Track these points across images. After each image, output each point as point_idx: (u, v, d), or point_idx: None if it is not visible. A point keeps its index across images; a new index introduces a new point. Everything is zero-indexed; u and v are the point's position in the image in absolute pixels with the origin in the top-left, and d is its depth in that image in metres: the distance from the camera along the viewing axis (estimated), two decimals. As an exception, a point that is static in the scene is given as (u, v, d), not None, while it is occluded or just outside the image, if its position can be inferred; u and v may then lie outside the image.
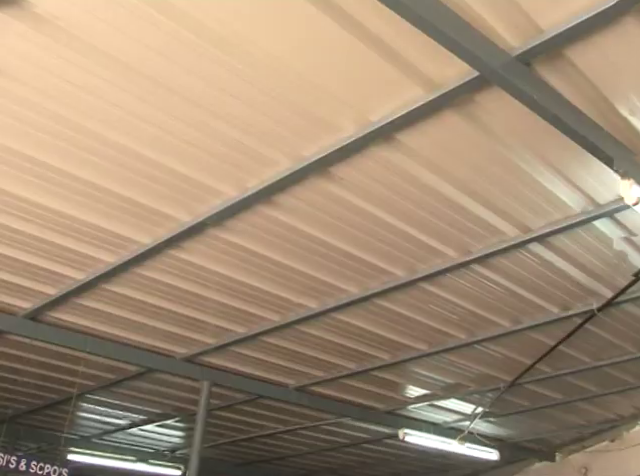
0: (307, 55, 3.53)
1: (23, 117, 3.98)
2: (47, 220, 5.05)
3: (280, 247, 5.34)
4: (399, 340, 7.27)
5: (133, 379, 8.58)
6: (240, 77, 3.64)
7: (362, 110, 3.88)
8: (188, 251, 5.42)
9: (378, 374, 8.30)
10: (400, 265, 5.66)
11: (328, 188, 4.56)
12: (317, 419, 10.35)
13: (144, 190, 4.63)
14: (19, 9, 3.28)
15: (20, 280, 6.01)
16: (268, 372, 8.23)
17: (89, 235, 5.23)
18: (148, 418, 10.58)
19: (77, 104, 3.86)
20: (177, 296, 6.24)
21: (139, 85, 3.71)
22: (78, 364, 8.01)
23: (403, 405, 9.67)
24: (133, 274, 5.82)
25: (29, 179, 4.56)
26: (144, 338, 7.22)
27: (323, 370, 8.18)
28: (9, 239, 5.32)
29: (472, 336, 7.14)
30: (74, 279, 5.93)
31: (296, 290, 6.09)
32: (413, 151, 4.21)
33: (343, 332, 7.02)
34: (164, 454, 12.85)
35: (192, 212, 4.85)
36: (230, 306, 6.42)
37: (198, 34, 3.39)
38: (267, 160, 4.28)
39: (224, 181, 4.51)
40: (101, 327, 6.96)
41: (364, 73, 3.65)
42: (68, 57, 3.55)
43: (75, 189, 4.65)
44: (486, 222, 5.00)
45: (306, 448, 12.33)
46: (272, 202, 4.71)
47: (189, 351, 7.54)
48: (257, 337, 7.08)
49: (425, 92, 3.73)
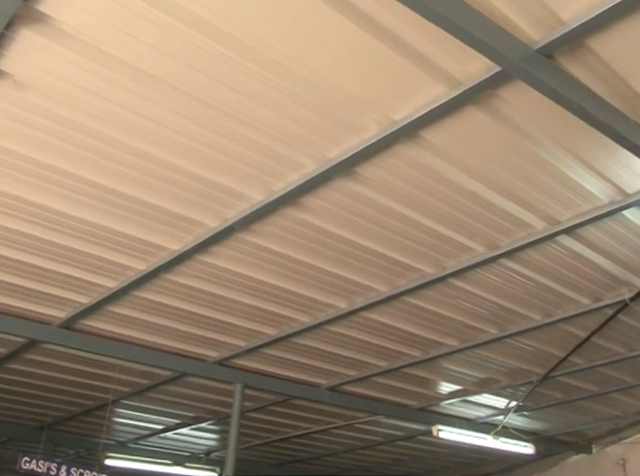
0: (328, 57, 3.55)
1: (53, 131, 4.06)
2: (79, 230, 5.13)
3: (308, 248, 5.37)
4: (430, 337, 7.26)
5: (166, 384, 8.68)
6: (263, 82, 3.67)
7: (385, 110, 3.89)
8: (217, 256, 5.47)
9: (410, 371, 8.30)
10: (428, 262, 5.66)
11: (354, 188, 4.58)
12: (350, 418, 10.37)
13: (172, 197, 4.68)
14: (45, 26, 3.35)
15: (54, 290, 6.11)
16: (300, 373, 8.27)
17: (119, 244, 5.31)
18: (182, 422, 10.69)
19: (105, 116, 3.92)
20: (207, 300, 6.30)
21: (164, 94, 3.76)
22: (112, 371, 8.13)
23: (436, 401, 9.65)
24: (163, 280, 5.89)
25: (60, 191, 4.64)
26: (176, 343, 7.29)
27: (354, 369, 8.20)
28: (43, 250, 5.42)
29: (503, 330, 7.10)
30: (106, 287, 6.02)
31: (325, 290, 6.11)
32: (437, 148, 4.22)
33: (373, 331, 7.04)
34: (199, 457, 12.95)
35: (220, 217, 4.90)
36: (260, 308, 6.47)
37: (221, 43, 3.43)
38: (292, 163, 4.31)
39: (250, 185, 4.55)
40: (134, 333, 7.05)
41: (386, 73, 3.66)
42: (94, 71, 3.61)
43: (105, 199, 4.72)
44: (513, 216, 4.98)
45: (340, 447, 12.35)
46: (299, 204, 4.74)
47: (221, 354, 7.60)
48: (288, 338, 7.13)
49: (447, 89, 3.73)
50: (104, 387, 8.81)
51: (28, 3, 3.20)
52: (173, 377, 8.39)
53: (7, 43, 3.43)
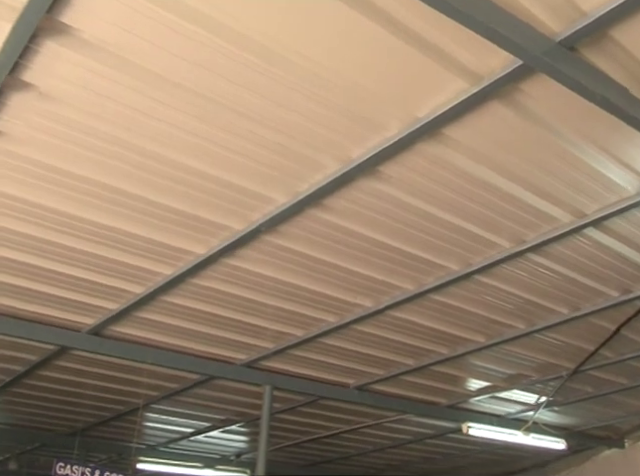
0: (348, 57, 3.55)
1: (79, 140, 4.10)
2: (106, 238, 5.19)
3: (333, 249, 5.38)
4: (457, 334, 7.24)
5: (196, 387, 8.74)
6: (283, 85, 3.68)
7: (407, 107, 3.89)
8: (243, 259, 5.50)
9: (438, 369, 8.28)
10: (454, 259, 5.65)
11: (377, 187, 4.58)
12: (379, 417, 10.37)
13: (198, 202, 4.72)
14: (68, 37, 3.39)
15: (83, 297, 6.19)
16: (328, 373, 8.29)
17: (146, 250, 5.36)
18: (212, 425, 10.75)
19: (129, 124, 3.96)
20: (234, 303, 6.34)
21: (188, 102, 3.78)
22: (142, 375, 8.19)
23: (465, 398, 9.62)
24: (190, 285, 5.93)
25: (87, 199, 4.69)
26: (204, 346, 7.34)
27: (382, 368, 8.19)
28: (71, 258, 5.49)
29: (531, 325, 7.06)
30: (134, 293, 6.08)
31: (351, 290, 6.12)
32: (461, 144, 4.20)
33: (400, 329, 7.03)
34: (230, 459, 13.01)
35: (245, 220, 4.93)
36: (287, 310, 6.49)
37: (244, 47, 3.44)
38: (316, 164, 4.32)
39: (275, 188, 4.57)
40: (162, 338, 7.10)
41: (407, 71, 3.65)
42: (118, 79, 3.64)
43: (130, 206, 4.77)
44: (539, 210, 4.95)
45: (369, 446, 12.35)
46: (323, 205, 4.75)
47: (249, 357, 7.64)
48: (315, 339, 7.14)
49: (469, 85, 3.72)
50: (134, 392, 8.89)
51: (51, 15, 3.23)
52: (202, 380, 8.44)
53: (32, 55, 3.47)
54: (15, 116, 3.92)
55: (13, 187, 4.58)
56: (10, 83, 3.64)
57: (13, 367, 8.12)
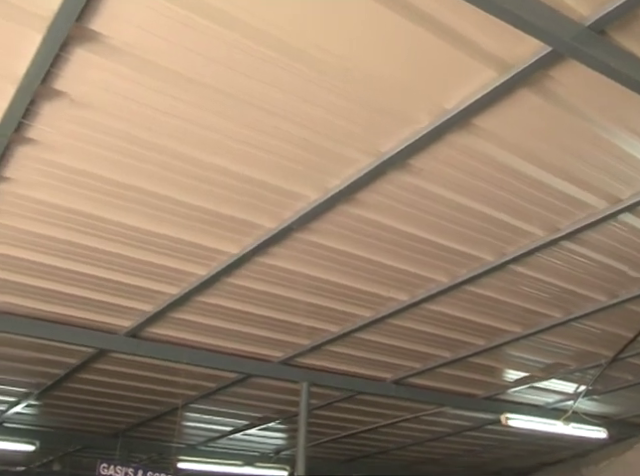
0: (374, 51, 3.54)
1: (111, 146, 4.16)
2: (140, 240, 5.25)
3: (366, 244, 5.38)
4: (493, 324, 7.19)
5: (233, 386, 8.81)
6: (311, 81, 3.69)
7: (436, 99, 3.87)
8: (276, 256, 5.53)
9: (474, 360, 8.23)
10: (488, 249, 5.61)
11: (409, 180, 4.57)
12: (417, 410, 10.33)
13: (230, 202, 4.75)
14: (97, 44, 3.43)
15: (119, 300, 6.27)
16: (364, 368, 8.29)
17: (180, 251, 5.41)
18: (250, 422, 10.81)
19: (159, 127, 4.01)
20: (268, 301, 6.37)
21: (217, 102, 3.81)
22: (179, 375, 8.27)
23: (503, 390, 9.55)
24: (224, 284, 5.98)
25: (120, 203, 4.76)
26: (240, 345, 7.39)
27: (419, 361, 8.17)
28: (106, 262, 5.57)
29: (568, 314, 6.98)
30: (169, 294, 6.14)
31: (385, 284, 6.11)
32: (491, 134, 4.17)
33: (436, 322, 7.01)
34: (269, 456, 13.07)
35: (277, 218, 4.95)
36: (321, 306, 6.51)
37: (265, 44, 3.45)
38: (346, 160, 4.32)
39: (305, 185, 4.58)
40: (198, 338, 7.17)
41: (434, 62, 3.63)
42: (145, 82, 3.68)
43: (166, 209, 4.82)
44: (572, 197, 4.89)
45: (408, 440, 12.32)
46: (354, 200, 4.75)
47: (285, 354, 7.68)
48: (351, 334, 7.15)
49: (498, 74, 3.69)
50: (173, 392, 8.97)
51: (80, 23, 3.28)
52: (239, 379, 8.50)
53: (62, 64, 3.52)
54: (48, 124, 3.98)
55: (47, 193, 4.66)
56: (42, 92, 3.70)
57: (54, 371, 8.26)
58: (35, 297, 6.21)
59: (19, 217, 4.95)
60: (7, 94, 3.68)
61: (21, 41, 3.36)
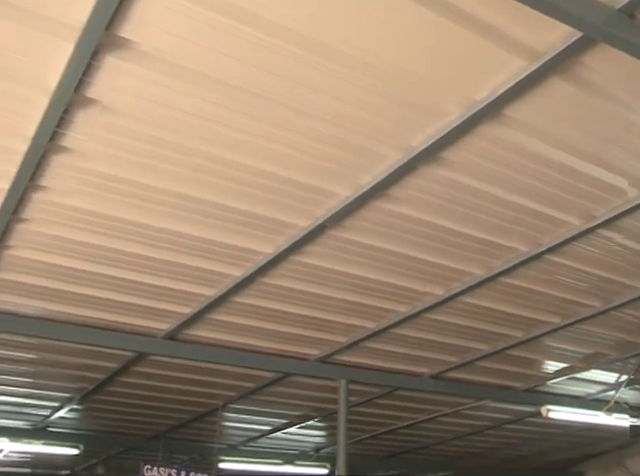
0: (401, 45, 3.52)
1: (141, 151, 4.20)
2: (174, 243, 5.31)
3: (399, 239, 5.36)
4: (530, 316, 7.12)
5: (271, 385, 8.86)
6: (340, 78, 3.68)
7: (465, 91, 3.84)
8: (310, 255, 5.54)
9: (513, 353, 8.15)
10: (523, 240, 5.56)
11: (440, 174, 4.55)
12: (456, 405, 10.29)
13: (262, 202, 4.78)
14: (127, 50, 3.46)
15: (156, 303, 6.35)
16: (402, 363, 8.27)
17: (215, 252, 5.45)
18: (289, 421, 10.86)
19: (189, 130, 4.04)
20: (304, 300, 6.39)
21: (246, 103, 3.83)
22: (218, 376, 8.35)
23: (542, 381, 9.45)
24: (260, 284, 6.01)
25: (153, 207, 4.81)
26: (278, 344, 7.43)
27: (456, 355, 8.13)
28: (143, 266, 5.64)
29: (607, 303, 6.88)
30: (206, 296, 6.20)
31: (421, 279, 6.09)
32: (523, 124, 4.13)
33: (472, 315, 6.97)
34: (309, 454, 13.11)
35: (310, 216, 4.97)
36: (357, 303, 6.51)
37: (293, 42, 3.44)
38: (377, 156, 4.31)
39: (338, 182, 4.58)
40: (236, 339, 7.22)
41: (462, 54, 3.60)
42: (175, 86, 3.71)
43: (197, 210, 4.86)
44: (608, 184, 4.82)
45: (448, 435, 12.27)
46: (386, 196, 4.74)
47: (322, 352, 7.69)
48: (387, 330, 7.14)
49: (528, 63, 3.64)
50: (212, 393, 9.06)
51: (109, 31, 3.31)
52: (277, 378, 8.55)
53: (94, 72, 3.57)
54: (80, 132, 4.04)
55: (83, 200, 4.73)
56: (75, 100, 3.75)
57: (95, 375, 8.39)
58: (74, 303, 6.32)
59: (55, 225, 5.03)
60: (41, 104, 3.74)
61: (53, 52, 3.41)
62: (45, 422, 10.68)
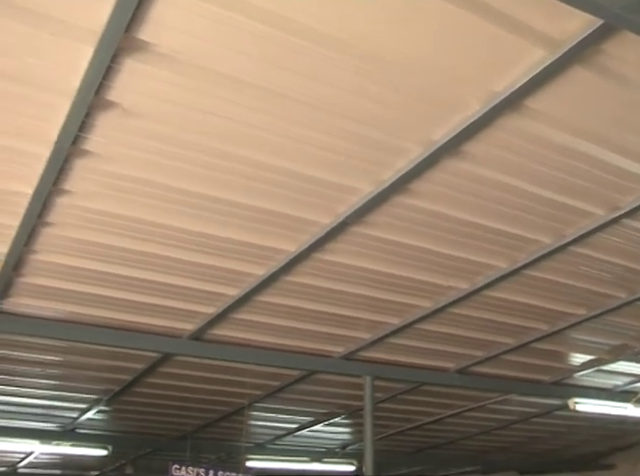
0: (419, 39, 3.50)
1: (165, 152, 4.22)
2: (197, 244, 5.33)
3: (422, 233, 5.34)
4: (556, 308, 7.07)
5: (296, 383, 8.88)
6: (360, 74, 3.67)
7: (485, 83, 3.81)
8: (333, 252, 5.54)
9: (538, 346, 8.10)
10: (547, 232, 5.51)
11: (462, 167, 4.52)
12: (482, 399, 10.25)
13: (284, 200, 4.78)
14: (145, 53, 3.48)
15: (181, 304, 6.38)
16: (427, 358, 8.25)
17: (238, 252, 5.47)
18: (315, 419, 10.88)
19: (211, 130, 4.05)
20: (328, 297, 6.39)
21: (265, 101, 3.83)
22: (244, 375, 8.37)
23: (569, 374, 9.38)
24: (283, 282, 6.02)
25: (175, 208, 4.83)
26: (302, 342, 7.43)
27: (482, 349, 8.09)
28: (166, 267, 5.67)
29: (632, 293, 6.81)
30: (229, 296, 6.22)
31: (444, 273, 6.07)
32: (544, 115, 4.09)
33: (497, 308, 6.93)
34: (335, 451, 13.13)
35: (332, 213, 4.96)
36: (380, 299, 6.50)
37: (317, 42, 3.44)
38: (398, 150, 4.30)
39: (359, 178, 4.57)
40: (260, 337, 7.24)
41: (481, 46, 3.58)
42: (194, 87, 3.72)
43: (219, 210, 4.88)
44: (632, 173, 4.76)
45: (474, 429, 12.23)
46: (409, 190, 4.72)
47: (347, 349, 7.69)
48: (412, 325, 7.12)
49: (548, 53, 3.61)
50: (238, 392, 9.09)
51: (129, 34, 3.33)
52: (302, 376, 8.56)
53: (113, 75, 3.59)
54: (102, 135, 4.06)
55: (106, 203, 4.76)
56: (96, 104, 3.77)
57: (122, 377, 8.45)
58: (99, 305, 6.36)
59: (80, 228, 5.07)
60: (63, 109, 3.76)
61: (74, 56, 3.44)
62: (74, 424, 10.79)
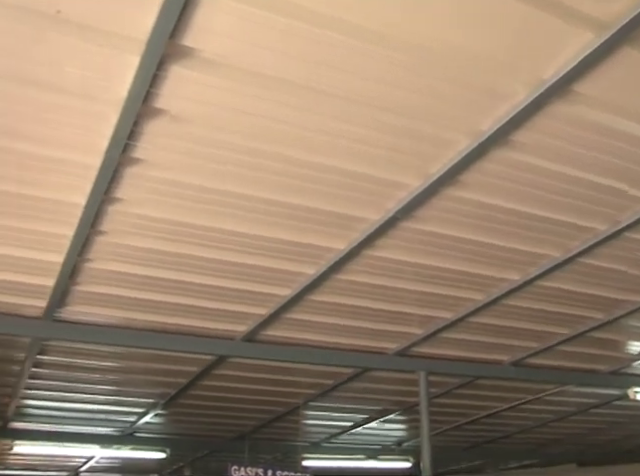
0: (463, 27, 3.45)
1: (211, 156, 4.25)
2: (247, 246, 5.36)
3: (472, 226, 5.28)
4: (611, 296, 6.92)
5: (350, 381, 8.88)
6: (403, 67, 3.63)
7: (532, 70, 3.75)
8: (383, 248, 5.51)
9: (595, 335, 7.94)
10: (600, 219, 5.39)
11: (511, 157, 4.45)
12: (538, 391, 10.12)
13: (332, 198, 4.78)
14: (191, 58, 3.50)
15: (233, 306, 6.44)
16: (481, 352, 8.16)
17: (288, 252, 5.49)
18: (370, 416, 10.88)
19: (256, 132, 4.06)
20: (379, 293, 6.37)
21: (310, 100, 3.83)
22: (297, 375, 8.41)
23: (628, 363, 9.17)
24: (334, 280, 6.02)
25: (226, 211, 4.87)
26: (355, 340, 7.43)
27: (537, 340, 7.97)
28: (218, 270, 5.73)
29: (692, 279, 6.65)
30: (281, 296, 6.25)
31: (496, 265, 5.99)
32: (594, 99, 4.00)
33: (551, 298, 6.81)
34: (391, 448, 13.10)
35: (381, 210, 4.94)
36: (432, 293, 6.46)
37: (354, 36, 3.41)
38: (445, 142, 4.25)
39: (407, 172, 4.54)
40: (313, 337, 7.26)
41: (526, 32, 3.51)
42: (242, 91, 3.74)
43: (268, 211, 4.90)
44: (689, 155, 4.64)
45: (531, 422, 12.08)
46: (457, 183, 4.67)
47: (400, 345, 7.66)
48: (464, 319, 7.06)
49: (595, 36, 3.52)
50: (292, 392, 9.14)
51: (173, 41, 3.36)
52: (356, 374, 8.56)
53: (160, 82, 3.63)
54: (151, 142, 4.11)
55: (156, 209, 4.83)
56: (143, 112, 3.82)
57: (177, 380, 8.58)
58: (153, 311, 6.46)
59: (133, 235, 5.15)
60: (112, 118, 3.82)
61: (120, 66, 3.48)
62: (132, 428, 10.99)
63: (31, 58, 3.42)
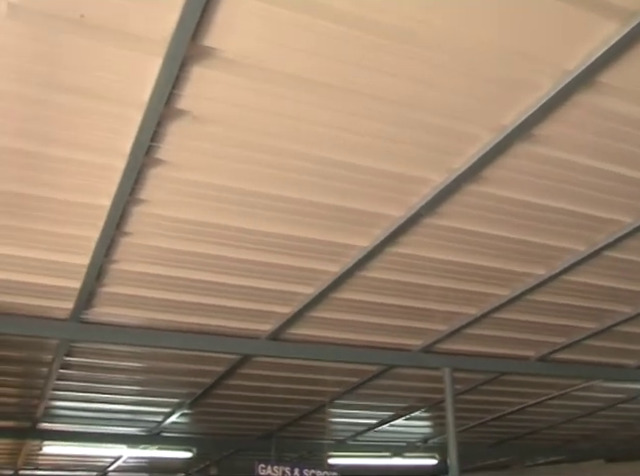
0: (486, 22, 3.42)
1: (234, 156, 4.26)
2: (272, 245, 5.37)
3: (497, 221, 5.25)
4: (638, 289, 6.85)
5: (375, 378, 8.88)
6: (424, 62, 3.61)
7: (556, 62, 3.71)
8: (406, 245, 5.49)
9: (622, 329, 7.85)
10: (626, 211, 5.33)
11: (535, 150, 4.41)
12: (565, 387, 10.03)
13: (355, 196, 4.76)
14: (212, 59, 3.51)
15: (258, 305, 6.45)
16: (506, 348, 8.11)
17: (311, 250, 5.49)
18: (395, 413, 10.86)
19: (279, 131, 4.07)
20: (403, 290, 6.35)
21: (332, 98, 3.82)
22: (323, 373, 8.42)
23: (656, 357, 9.10)
24: (358, 278, 6.01)
25: (249, 211, 4.88)
26: (380, 337, 7.42)
27: (562, 335, 7.91)
28: (243, 270, 5.75)
29: None
30: (305, 294, 6.26)
31: (520, 260, 5.95)
32: (620, 89, 3.95)
33: (577, 293, 6.75)
34: (417, 445, 13.08)
35: (404, 206, 4.92)
36: (456, 289, 6.42)
37: (380, 34, 3.40)
38: (468, 137, 4.22)
39: (429, 168, 4.52)
40: (338, 334, 7.26)
41: (549, 23, 3.47)
42: (263, 90, 3.73)
43: (290, 210, 4.90)
44: None
45: (558, 418, 11.99)
46: (481, 178, 4.63)
47: (424, 341, 7.64)
48: (489, 315, 7.02)
49: (620, 25, 3.48)
50: (318, 390, 9.15)
51: (195, 42, 3.37)
52: (381, 371, 8.55)
53: (182, 83, 3.64)
54: (174, 143, 4.13)
55: (180, 210, 4.85)
56: (166, 113, 3.83)
57: (203, 380, 8.62)
58: (178, 311, 6.50)
59: (156, 236, 5.18)
60: (135, 120, 3.84)
61: (143, 68, 3.50)
62: (159, 428, 11.07)
63: (59, 63, 3.45)
